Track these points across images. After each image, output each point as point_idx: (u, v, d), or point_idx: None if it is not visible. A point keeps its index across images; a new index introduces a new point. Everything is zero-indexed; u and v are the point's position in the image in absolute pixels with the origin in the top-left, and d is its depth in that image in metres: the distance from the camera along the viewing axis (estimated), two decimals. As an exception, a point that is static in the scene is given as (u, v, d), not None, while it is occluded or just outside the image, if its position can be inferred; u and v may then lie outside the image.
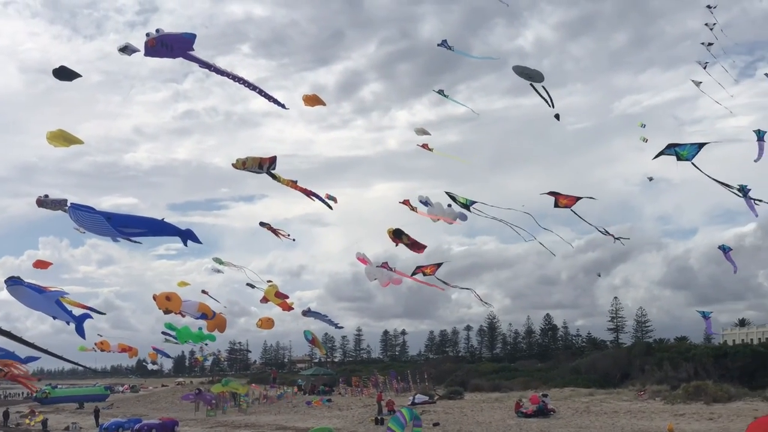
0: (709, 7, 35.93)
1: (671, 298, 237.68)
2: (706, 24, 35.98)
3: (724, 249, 37.97)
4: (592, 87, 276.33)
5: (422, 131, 35.66)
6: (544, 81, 21.07)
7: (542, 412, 50.17)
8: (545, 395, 56.93)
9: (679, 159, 24.26)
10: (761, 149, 32.26)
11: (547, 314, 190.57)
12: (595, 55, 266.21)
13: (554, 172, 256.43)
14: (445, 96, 36.56)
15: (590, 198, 24.60)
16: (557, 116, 21.73)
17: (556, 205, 25.32)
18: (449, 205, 30.75)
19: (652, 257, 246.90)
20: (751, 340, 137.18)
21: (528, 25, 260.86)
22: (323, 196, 29.90)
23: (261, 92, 20.20)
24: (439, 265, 34.40)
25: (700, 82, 36.81)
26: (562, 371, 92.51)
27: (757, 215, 30.09)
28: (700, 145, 24.43)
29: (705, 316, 44.31)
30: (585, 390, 71.73)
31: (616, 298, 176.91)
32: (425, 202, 31.53)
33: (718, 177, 26.80)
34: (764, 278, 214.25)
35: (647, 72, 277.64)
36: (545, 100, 21.09)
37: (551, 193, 24.99)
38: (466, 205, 29.49)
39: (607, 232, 27.59)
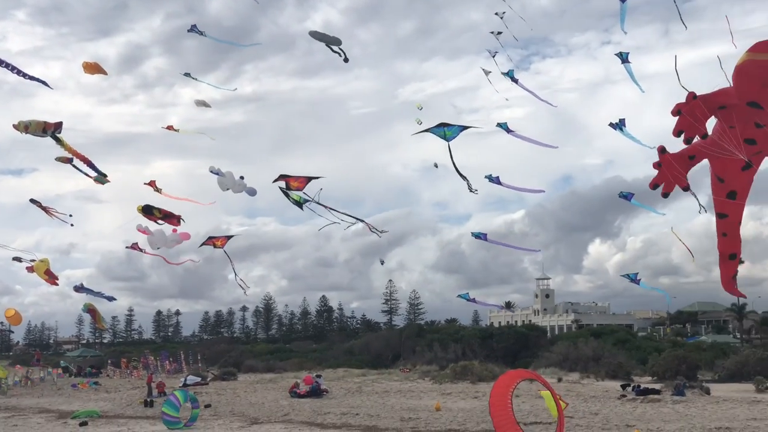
0: None
1: (443, 281, 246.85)
2: (496, 13, 36.47)
3: (478, 236, 39.25)
4: (378, 73, 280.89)
5: (202, 103, 34.81)
6: (341, 45, 21.06)
7: (315, 392, 50.31)
8: (319, 376, 57.19)
9: (445, 139, 24.89)
10: (528, 139, 33.28)
11: (323, 296, 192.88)
12: (382, 41, 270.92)
13: (337, 156, 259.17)
14: (194, 78, 35.88)
15: (319, 177, 24.56)
16: (346, 59, 21.66)
17: (288, 188, 25.00)
18: (242, 177, 29.97)
19: (427, 241, 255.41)
20: (516, 321, 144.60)
21: (317, 8, 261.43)
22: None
23: (15, 70, 18.56)
24: (229, 237, 33.73)
25: (489, 72, 37.47)
26: (336, 352, 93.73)
27: (543, 191, 31.11)
28: (463, 128, 25.17)
29: (465, 297, 45.47)
30: (358, 371, 72.80)
31: (390, 281, 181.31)
32: (216, 173, 30.62)
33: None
34: (529, 263, 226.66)
35: (431, 61, 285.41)
36: (338, 54, 21.03)
37: (281, 177, 24.66)
38: (299, 203, 28.53)
39: (359, 219, 27.50)
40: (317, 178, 24.66)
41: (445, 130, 25.15)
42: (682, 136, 15.40)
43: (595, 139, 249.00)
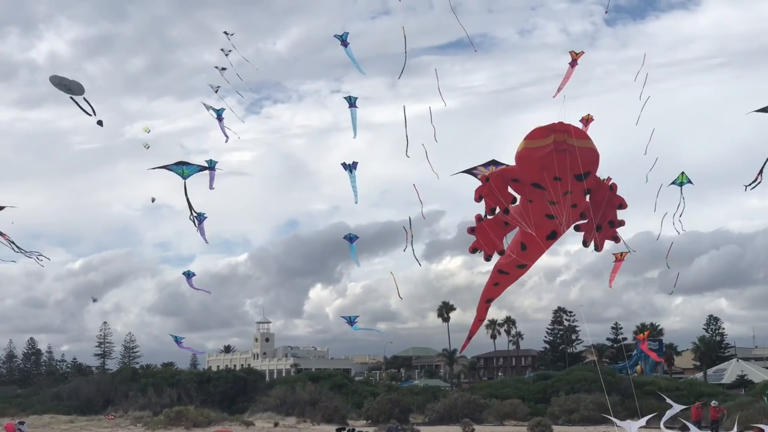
0: (226, 33, 35.97)
1: (161, 324, 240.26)
2: (222, 49, 35.97)
3: (187, 275, 38.84)
4: (105, 108, 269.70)
5: None
6: (84, 93, 19.92)
7: (17, 441, 47.16)
8: (22, 423, 53.59)
9: (182, 177, 24.87)
10: (212, 179, 32.94)
11: (32, 338, 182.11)
12: (111, 76, 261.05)
13: (55, 192, 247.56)
14: None
15: (10, 207, 23.50)
16: (100, 122, 20.64)
17: None
18: None
19: (146, 283, 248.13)
20: (235, 366, 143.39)
21: (43, 38, 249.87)
22: None
23: None
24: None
25: (212, 107, 36.72)
26: (42, 397, 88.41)
27: (207, 242, 31.13)
28: (201, 168, 25.30)
29: (177, 340, 44.26)
30: (66, 417, 69.21)
31: (105, 323, 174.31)
32: None
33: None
34: (251, 306, 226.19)
35: (162, 99, 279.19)
36: (84, 110, 20.01)
37: None
38: None
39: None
40: (10, 206, 23.30)
41: (184, 168, 25.15)
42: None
43: (323, 185, 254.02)
